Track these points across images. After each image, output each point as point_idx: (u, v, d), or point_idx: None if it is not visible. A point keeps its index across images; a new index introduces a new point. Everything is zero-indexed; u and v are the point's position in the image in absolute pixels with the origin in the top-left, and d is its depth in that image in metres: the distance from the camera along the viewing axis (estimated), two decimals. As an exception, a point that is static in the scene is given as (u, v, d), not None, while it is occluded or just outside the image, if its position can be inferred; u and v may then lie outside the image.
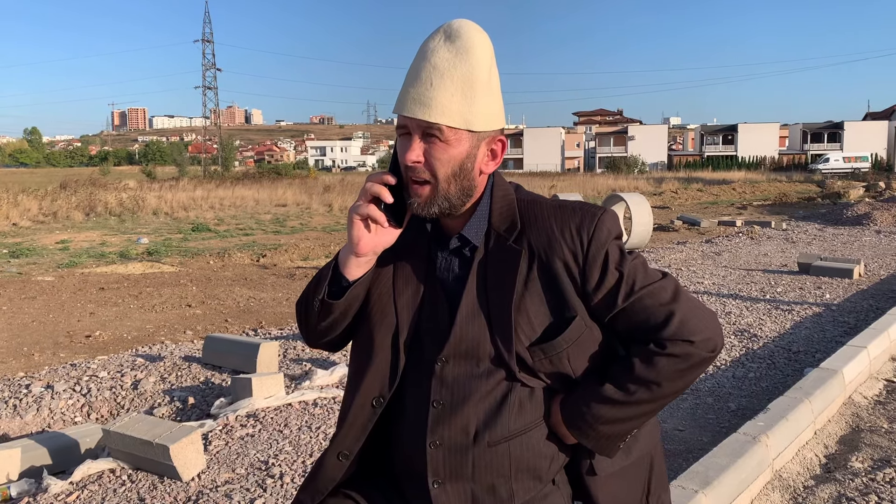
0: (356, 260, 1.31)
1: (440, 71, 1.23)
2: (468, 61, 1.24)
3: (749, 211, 25.06)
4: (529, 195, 1.39)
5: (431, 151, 1.26)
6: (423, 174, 1.27)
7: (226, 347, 5.71)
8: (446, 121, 1.24)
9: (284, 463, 3.79)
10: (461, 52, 1.24)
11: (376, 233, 1.30)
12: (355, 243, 1.29)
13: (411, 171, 1.27)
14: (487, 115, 1.28)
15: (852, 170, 63.03)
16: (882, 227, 16.53)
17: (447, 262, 1.36)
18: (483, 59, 1.26)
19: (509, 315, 1.29)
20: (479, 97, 1.26)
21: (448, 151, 1.26)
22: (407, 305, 1.35)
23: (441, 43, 1.25)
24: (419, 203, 1.28)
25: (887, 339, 5.66)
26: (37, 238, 17.50)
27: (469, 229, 1.34)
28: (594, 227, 1.31)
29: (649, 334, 1.29)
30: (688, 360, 1.29)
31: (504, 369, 1.30)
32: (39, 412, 4.89)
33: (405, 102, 1.25)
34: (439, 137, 1.25)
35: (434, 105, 1.23)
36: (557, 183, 40.06)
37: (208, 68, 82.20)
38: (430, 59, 1.24)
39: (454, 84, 1.23)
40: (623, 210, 15.02)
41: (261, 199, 29.02)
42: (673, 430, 4.28)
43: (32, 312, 8.73)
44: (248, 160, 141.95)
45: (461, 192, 1.30)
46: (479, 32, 1.27)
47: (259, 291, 10.13)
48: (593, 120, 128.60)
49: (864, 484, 3.49)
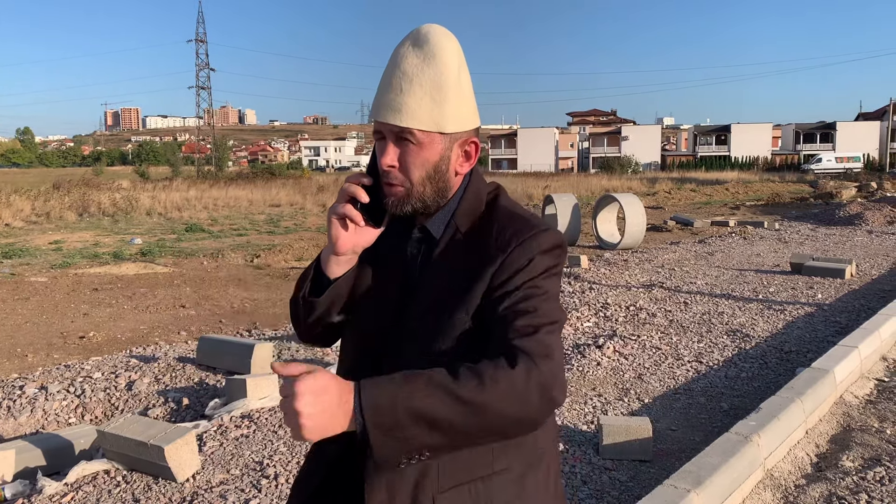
0: (336, 259, 1.36)
1: (409, 76, 1.27)
2: (436, 65, 1.28)
3: (742, 211, 25.13)
4: (496, 195, 1.40)
5: (405, 155, 1.30)
6: (397, 178, 1.31)
7: (220, 348, 5.71)
8: (417, 124, 1.28)
9: (279, 463, 3.80)
10: (428, 57, 1.27)
11: (355, 232, 1.34)
12: (334, 242, 1.34)
13: (386, 175, 1.32)
14: (458, 116, 1.31)
15: (844, 170, 63.23)
16: (874, 228, 16.61)
17: (414, 254, 1.40)
18: (451, 61, 1.29)
19: (426, 307, 1.32)
20: (450, 99, 1.29)
21: (421, 155, 1.30)
22: (382, 302, 1.38)
23: (409, 49, 1.29)
24: (393, 202, 1.33)
25: (878, 339, 5.70)
26: (30, 239, 17.43)
27: (433, 223, 1.37)
28: (527, 237, 1.30)
29: (507, 334, 1.21)
30: (527, 383, 1.14)
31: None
32: (33, 413, 4.88)
33: (378, 108, 1.30)
34: (412, 141, 1.29)
35: (405, 110, 1.27)
36: (551, 183, 40.07)
37: (202, 68, 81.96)
38: (400, 66, 1.28)
39: (423, 88, 1.27)
40: (616, 210, 15.06)
41: (255, 200, 28.98)
42: (665, 430, 4.31)
43: (26, 313, 8.70)
44: (241, 160, 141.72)
45: (436, 193, 1.34)
46: (445, 36, 1.30)
47: (253, 292, 10.12)
48: (587, 120, 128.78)
49: (855, 483, 3.52)
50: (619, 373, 5.47)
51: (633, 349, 6.09)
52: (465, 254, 1.33)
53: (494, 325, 1.25)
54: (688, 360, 5.78)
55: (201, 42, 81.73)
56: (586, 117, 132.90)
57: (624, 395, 4.98)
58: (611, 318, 7.26)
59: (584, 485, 3.55)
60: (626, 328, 6.85)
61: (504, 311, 1.24)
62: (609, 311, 7.57)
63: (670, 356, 5.90)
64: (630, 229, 13.52)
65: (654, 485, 3.25)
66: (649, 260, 11.75)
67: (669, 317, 7.32)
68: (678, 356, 5.90)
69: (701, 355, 5.93)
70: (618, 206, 14.29)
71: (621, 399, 4.89)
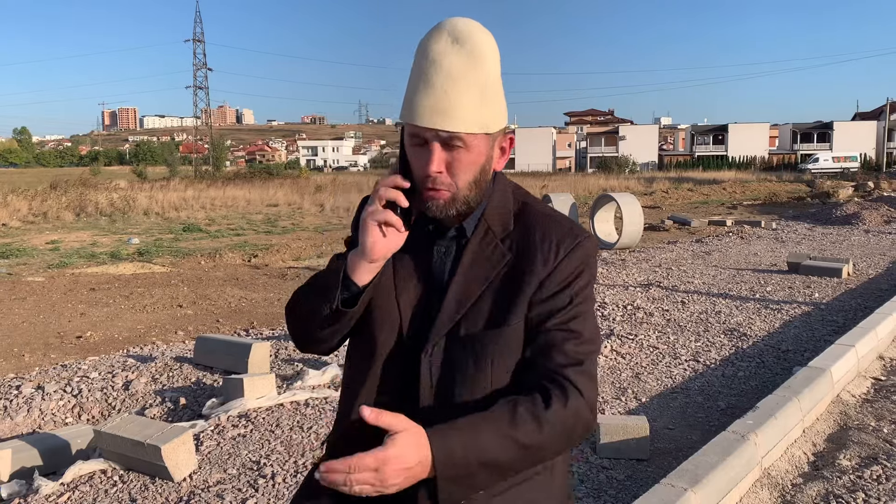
0: (368, 266, 1.29)
1: (454, 77, 1.20)
2: (482, 65, 1.22)
3: (739, 210, 25.16)
4: (525, 196, 1.40)
5: (453, 160, 1.25)
6: (444, 183, 1.26)
7: (217, 348, 5.70)
8: (467, 128, 1.22)
9: (276, 463, 3.79)
10: (472, 56, 1.21)
11: (389, 237, 1.28)
12: (370, 248, 1.27)
13: (431, 180, 1.25)
14: (499, 114, 1.28)
15: (841, 170, 63.38)
16: (871, 227, 16.63)
17: (442, 253, 1.36)
18: (494, 61, 1.25)
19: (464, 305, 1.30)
20: (494, 99, 1.25)
21: (469, 158, 1.25)
22: (409, 303, 1.34)
23: (449, 46, 1.21)
24: (437, 206, 1.27)
25: (875, 338, 5.70)
26: (27, 238, 17.40)
27: (469, 222, 1.34)
28: (575, 246, 1.31)
29: (557, 359, 1.26)
30: (576, 422, 1.23)
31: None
32: (30, 413, 4.87)
33: (420, 112, 1.21)
34: (460, 145, 1.24)
35: (454, 114, 1.21)
36: (549, 183, 40.07)
37: (199, 68, 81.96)
38: (441, 64, 1.20)
39: (470, 90, 1.21)
40: (614, 210, 15.06)
41: (252, 200, 28.97)
42: (663, 429, 4.31)
43: (23, 313, 8.68)
44: (239, 160, 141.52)
45: (479, 194, 1.31)
46: (485, 33, 1.25)
47: (250, 292, 10.11)
48: (584, 120, 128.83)
49: (852, 481, 3.52)
50: (617, 372, 5.47)
51: (631, 348, 6.10)
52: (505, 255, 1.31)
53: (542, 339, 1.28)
54: (685, 360, 5.78)
55: (199, 42, 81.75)
56: (584, 117, 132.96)
57: (621, 394, 4.98)
58: (608, 318, 7.26)
59: (581, 483, 3.55)
60: (624, 327, 6.85)
61: (553, 327, 1.28)
62: (606, 310, 7.58)
63: (667, 355, 5.90)
64: (627, 229, 13.52)
65: (651, 483, 3.25)
66: (647, 259, 11.76)
67: (667, 316, 7.33)
68: (675, 355, 5.90)
69: (698, 354, 5.93)
70: (615, 205, 14.28)
71: (619, 398, 4.90)
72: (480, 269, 1.31)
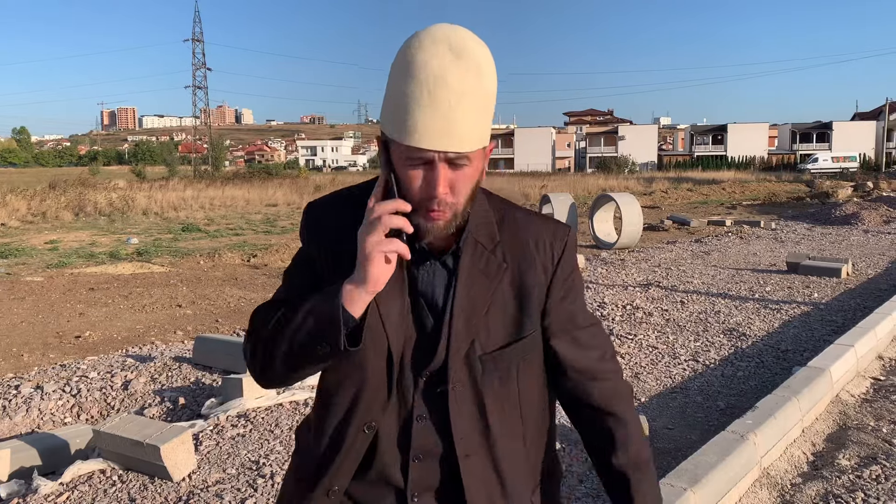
0: (366, 297, 1.18)
1: (458, 94, 1.12)
2: (484, 80, 1.15)
3: (738, 210, 25.16)
4: (501, 202, 1.36)
5: (457, 178, 1.18)
6: (447, 204, 1.19)
7: (216, 348, 5.70)
8: (472, 146, 1.16)
9: (275, 463, 3.79)
10: (473, 71, 1.13)
11: (391, 264, 1.19)
12: (377, 279, 1.17)
13: (437, 202, 1.17)
14: (490, 124, 1.22)
15: (841, 170, 63.38)
16: (870, 227, 16.65)
17: (429, 274, 1.29)
18: (493, 73, 1.19)
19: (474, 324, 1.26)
20: (490, 111, 1.20)
21: (470, 174, 1.20)
22: (395, 326, 1.27)
23: (448, 60, 1.12)
24: (438, 227, 1.20)
25: (874, 338, 5.71)
26: (26, 238, 17.39)
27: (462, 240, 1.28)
28: (565, 245, 1.32)
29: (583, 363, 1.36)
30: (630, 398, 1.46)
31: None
32: (29, 413, 4.87)
33: (424, 133, 1.13)
34: (465, 164, 1.18)
35: (462, 135, 1.14)
36: (548, 183, 40.08)
37: (198, 68, 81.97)
38: (447, 81, 1.12)
39: (474, 107, 1.14)
40: (613, 210, 15.07)
41: (251, 199, 28.98)
42: (662, 429, 4.31)
43: (22, 313, 8.68)
44: (238, 160, 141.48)
45: (471, 206, 1.25)
46: (480, 44, 1.17)
47: (249, 291, 10.10)
48: (584, 120, 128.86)
49: (851, 481, 3.52)
50: (616, 372, 5.47)
51: (630, 348, 6.10)
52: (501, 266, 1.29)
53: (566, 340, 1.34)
54: (684, 359, 5.78)
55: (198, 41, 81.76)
56: (583, 117, 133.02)
57: (621, 394, 4.98)
58: (607, 318, 7.26)
59: (580, 483, 3.54)
60: (623, 327, 6.85)
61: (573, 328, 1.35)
62: (606, 310, 7.58)
63: (667, 355, 5.90)
64: (627, 229, 13.53)
65: (650, 483, 3.25)
66: (646, 259, 11.77)
67: (666, 316, 7.33)
68: (675, 355, 5.90)
69: (697, 354, 5.93)
70: (614, 205, 14.29)
71: (618, 398, 4.89)
72: (480, 286, 1.28)
